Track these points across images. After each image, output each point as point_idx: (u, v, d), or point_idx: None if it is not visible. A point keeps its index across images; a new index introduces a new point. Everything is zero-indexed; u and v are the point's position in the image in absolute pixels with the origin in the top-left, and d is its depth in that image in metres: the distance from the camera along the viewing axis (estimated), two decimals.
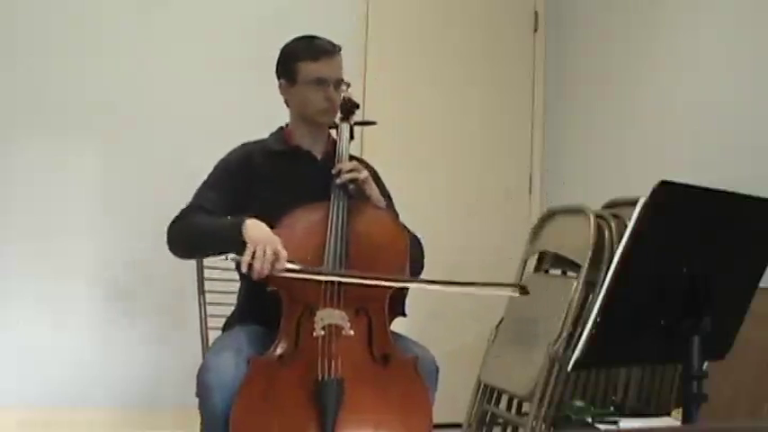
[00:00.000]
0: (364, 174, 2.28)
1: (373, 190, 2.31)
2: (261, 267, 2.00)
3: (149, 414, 3.46)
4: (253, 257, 2.00)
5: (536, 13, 4.17)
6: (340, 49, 2.36)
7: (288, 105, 2.41)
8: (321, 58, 2.31)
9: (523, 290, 2.09)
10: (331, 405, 1.95)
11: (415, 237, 2.32)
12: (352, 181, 2.23)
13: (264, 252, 2.00)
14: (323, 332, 2.03)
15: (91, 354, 3.47)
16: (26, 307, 3.42)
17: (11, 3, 3.48)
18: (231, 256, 2.02)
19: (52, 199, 3.47)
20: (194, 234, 2.21)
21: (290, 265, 2.03)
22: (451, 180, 4.01)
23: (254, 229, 2.07)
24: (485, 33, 4.10)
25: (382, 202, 2.33)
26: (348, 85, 2.38)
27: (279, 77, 2.39)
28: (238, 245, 2.05)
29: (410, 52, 3.98)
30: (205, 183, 2.32)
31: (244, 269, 2.02)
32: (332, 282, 2.07)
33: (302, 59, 2.32)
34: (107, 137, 3.56)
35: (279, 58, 2.40)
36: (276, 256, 2.01)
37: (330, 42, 2.36)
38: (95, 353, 3.47)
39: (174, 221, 2.25)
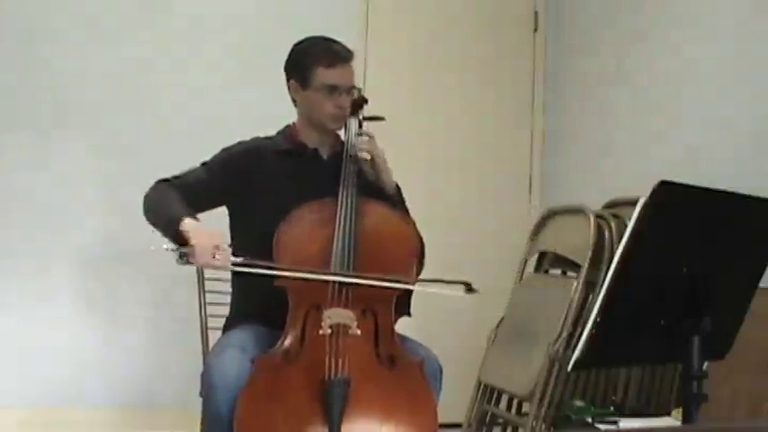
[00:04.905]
0: (380, 150, 2.31)
1: (386, 171, 2.33)
2: (202, 258, 2.00)
3: (149, 414, 3.46)
4: (195, 250, 1.99)
5: (536, 13, 4.17)
6: (353, 56, 2.35)
7: (295, 105, 2.40)
8: (337, 65, 2.30)
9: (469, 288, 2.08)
10: (337, 405, 1.95)
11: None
12: (368, 155, 2.27)
13: (205, 243, 2.00)
14: (330, 331, 2.04)
15: (91, 354, 3.47)
16: (26, 307, 3.42)
17: (13, 3, 3.48)
18: (172, 246, 2.02)
19: (52, 198, 3.47)
20: (152, 206, 2.22)
21: (234, 258, 2.06)
22: (451, 180, 4.01)
23: (194, 225, 2.07)
24: (485, 33, 4.10)
25: (392, 187, 2.35)
26: (359, 91, 2.39)
27: (289, 78, 2.37)
28: (174, 236, 2.05)
29: (410, 52, 3.98)
30: (205, 163, 2.34)
31: (188, 261, 2.00)
32: (340, 281, 2.08)
33: (317, 64, 2.30)
34: (107, 136, 3.56)
35: (291, 58, 2.38)
36: (217, 247, 2.01)
37: (346, 48, 2.34)
38: (95, 353, 3.47)
39: (155, 183, 2.27)
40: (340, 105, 2.32)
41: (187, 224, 2.05)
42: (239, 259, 2.07)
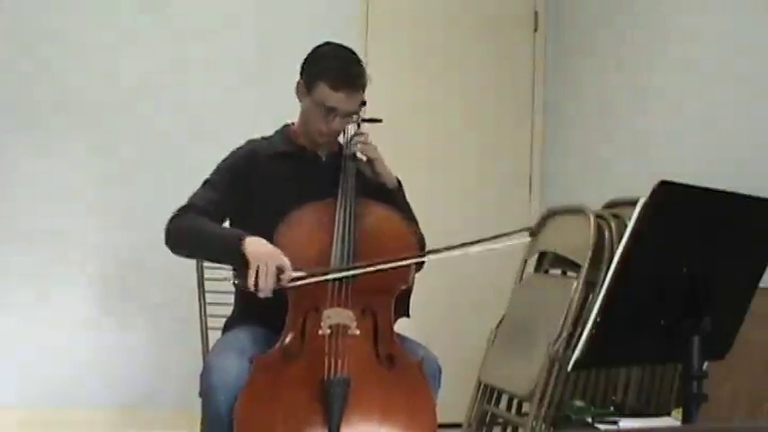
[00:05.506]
0: (374, 147, 2.31)
1: (383, 167, 2.32)
2: (266, 284, 1.99)
3: (149, 414, 3.46)
4: (257, 276, 1.99)
5: (536, 13, 4.17)
6: (365, 85, 2.27)
7: (299, 101, 2.38)
8: (341, 90, 2.21)
9: (532, 233, 2.10)
10: (337, 405, 1.95)
11: (421, 235, 2.34)
12: (363, 148, 2.28)
13: (267, 268, 1.99)
14: (329, 331, 2.04)
15: (91, 354, 3.47)
16: (26, 307, 3.42)
17: (18, 4, 3.48)
18: (235, 281, 2.05)
19: (52, 199, 3.47)
20: (194, 237, 2.17)
21: (295, 274, 2.03)
22: (451, 179, 4.01)
23: (255, 245, 2.04)
24: (485, 33, 4.10)
25: (393, 181, 2.35)
26: (359, 116, 2.34)
27: (301, 75, 2.32)
28: (237, 259, 2.04)
29: (410, 52, 3.98)
30: (207, 182, 2.29)
31: (251, 288, 2.00)
32: (339, 281, 2.08)
33: (323, 80, 2.22)
34: (107, 136, 3.56)
35: (307, 59, 2.31)
36: (280, 269, 2.01)
37: (360, 75, 2.25)
38: (95, 353, 3.47)
39: (173, 218, 2.19)
40: (332, 128, 2.27)
41: (247, 245, 2.03)
42: (300, 273, 2.04)
